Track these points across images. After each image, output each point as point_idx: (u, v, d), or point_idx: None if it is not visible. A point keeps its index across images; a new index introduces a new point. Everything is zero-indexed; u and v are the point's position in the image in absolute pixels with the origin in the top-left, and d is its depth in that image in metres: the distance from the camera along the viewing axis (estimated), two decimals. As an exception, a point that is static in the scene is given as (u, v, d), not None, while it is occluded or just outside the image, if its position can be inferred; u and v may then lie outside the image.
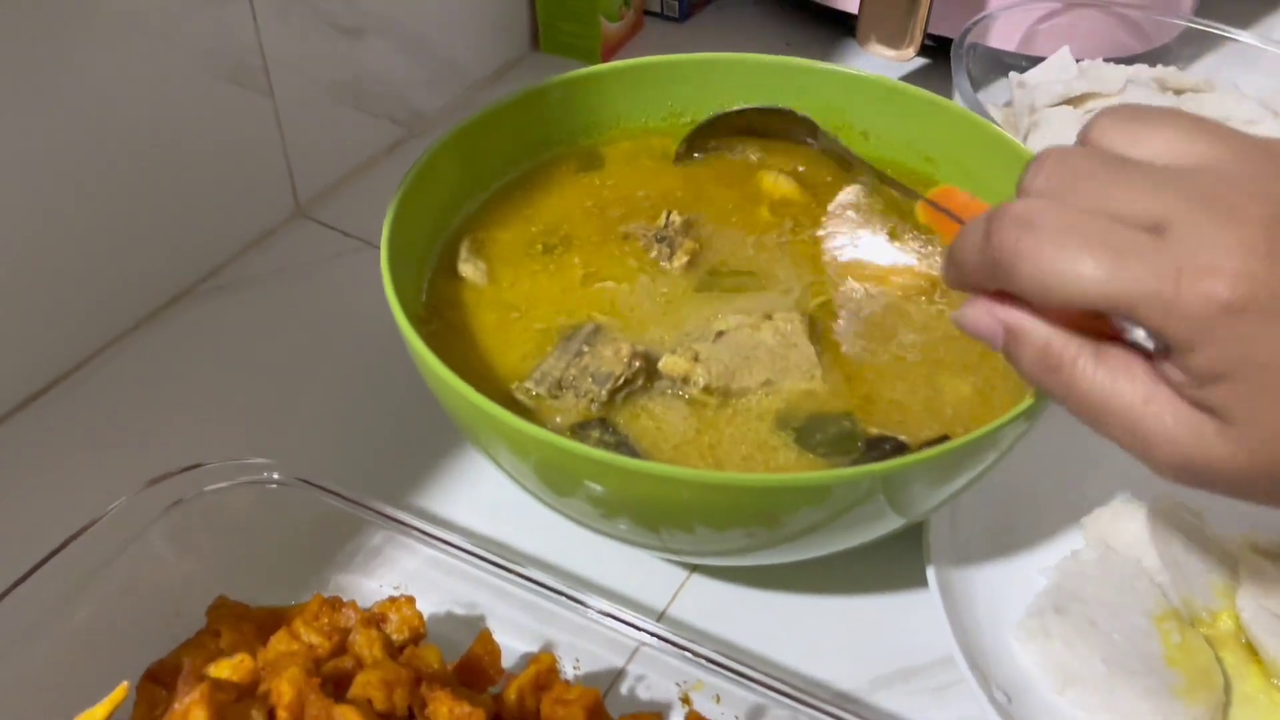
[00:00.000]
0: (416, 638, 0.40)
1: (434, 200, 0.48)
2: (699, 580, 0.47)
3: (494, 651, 0.40)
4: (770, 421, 0.43)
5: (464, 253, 0.48)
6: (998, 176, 0.49)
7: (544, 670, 0.38)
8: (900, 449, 0.42)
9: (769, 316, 0.45)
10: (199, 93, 0.57)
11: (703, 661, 0.39)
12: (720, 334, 0.44)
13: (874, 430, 0.42)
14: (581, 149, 0.55)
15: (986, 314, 0.32)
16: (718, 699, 0.39)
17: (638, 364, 0.42)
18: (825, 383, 0.44)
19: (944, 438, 0.41)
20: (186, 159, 0.57)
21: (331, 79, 0.65)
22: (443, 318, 0.47)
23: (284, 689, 0.34)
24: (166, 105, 0.55)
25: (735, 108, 0.55)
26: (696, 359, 0.43)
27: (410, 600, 0.40)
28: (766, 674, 0.38)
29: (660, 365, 0.43)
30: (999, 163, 0.50)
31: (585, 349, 0.44)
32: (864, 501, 0.38)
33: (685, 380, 0.43)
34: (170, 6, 0.53)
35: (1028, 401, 0.38)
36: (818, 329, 0.46)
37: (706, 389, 0.43)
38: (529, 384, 0.43)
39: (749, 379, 0.43)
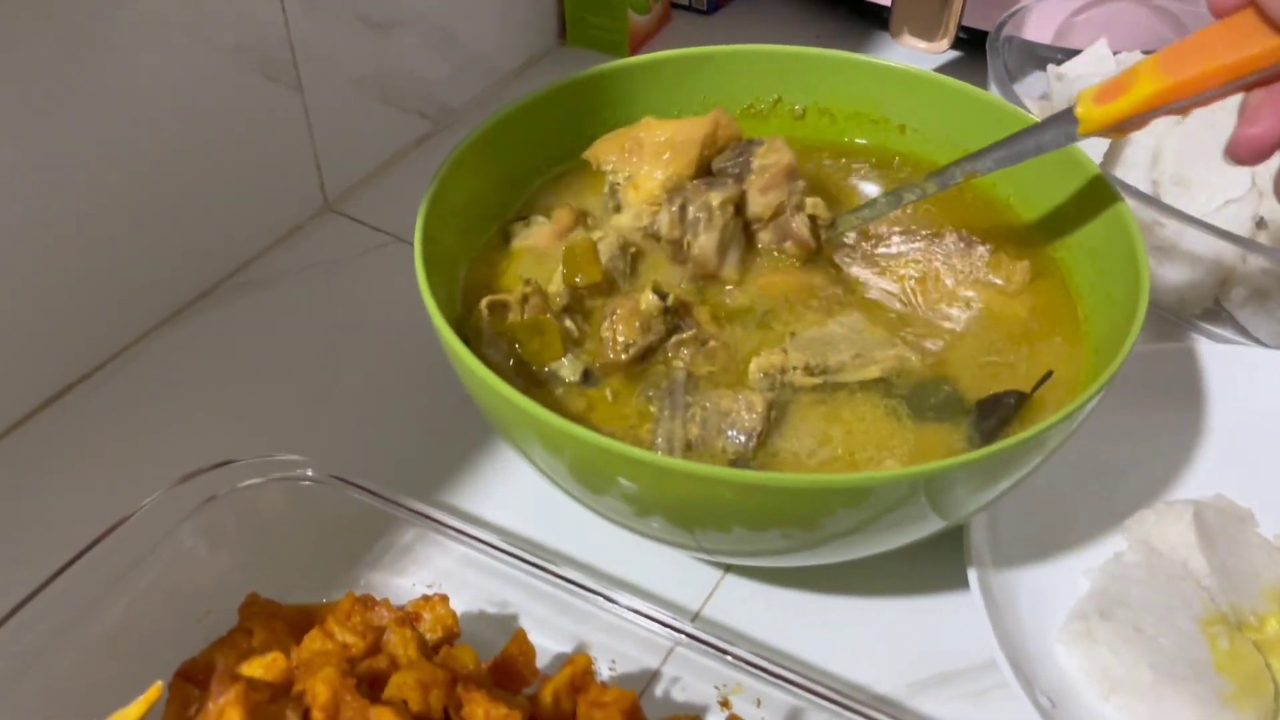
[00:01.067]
0: (450, 637, 0.40)
1: (466, 195, 0.48)
2: (734, 580, 0.46)
3: (529, 652, 0.39)
4: (878, 397, 0.43)
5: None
6: (1037, 170, 0.48)
7: (579, 672, 0.38)
8: (1021, 398, 0.42)
9: (830, 313, 0.44)
10: (227, 88, 0.56)
11: (739, 663, 0.38)
12: (793, 335, 0.44)
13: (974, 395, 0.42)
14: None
15: None
16: (758, 703, 0.38)
17: (773, 413, 0.42)
18: (911, 350, 0.44)
19: (1050, 374, 0.43)
20: (215, 154, 0.57)
21: (360, 73, 0.65)
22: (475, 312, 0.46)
23: (319, 689, 0.34)
24: (195, 101, 0.55)
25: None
26: (785, 352, 0.43)
27: (444, 599, 0.40)
28: (804, 676, 0.38)
29: (750, 368, 0.43)
30: (1046, 162, 0.49)
31: (689, 400, 0.43)
32: (905, 503, 0.37)
33: (783, 370, 0.42)
34: (201, 4, 0.53)
35: (1072, 405, 0.37)
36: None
37: (808, 369, 0.42)
38: (660, 447, 0.41)
39: (841, 355, 0.43)
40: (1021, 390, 0.42)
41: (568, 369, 0.43)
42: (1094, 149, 0.60)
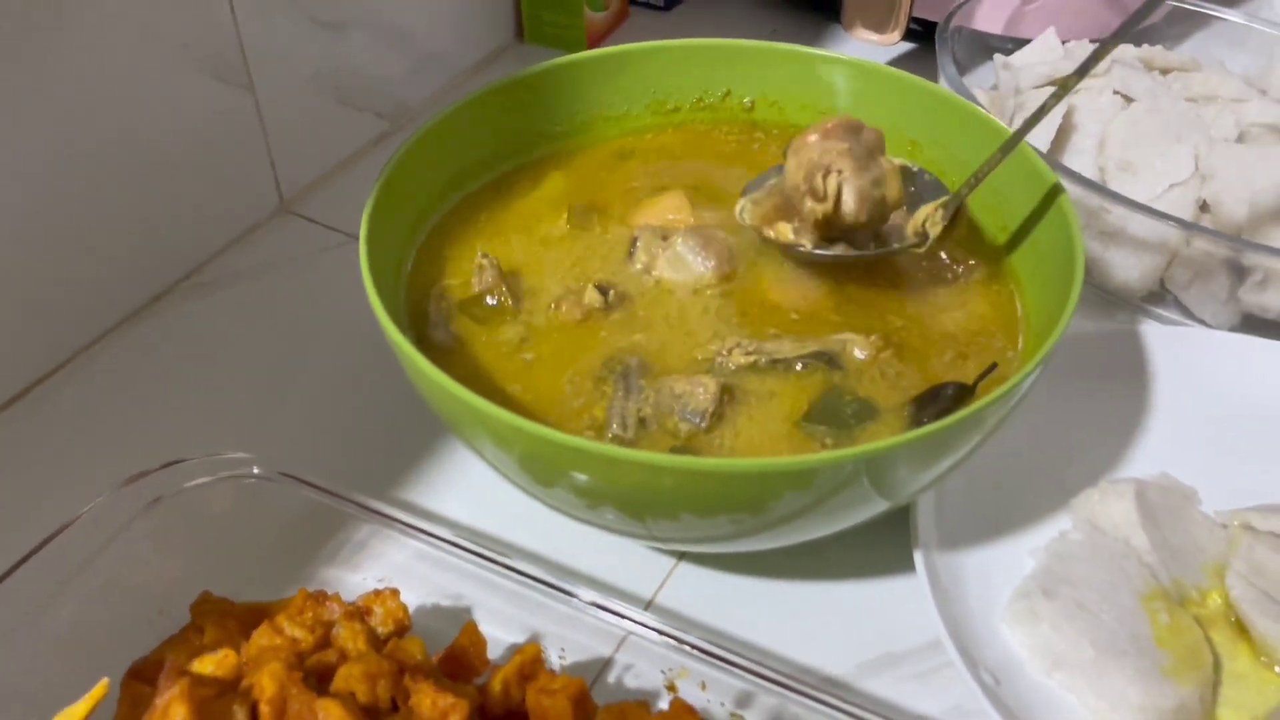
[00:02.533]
0: (401, 630, 0.40)
1: (415, 193, 0.48)
2: (686, 568, 0.47)
3: (479, 643, 0.40)
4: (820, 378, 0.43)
5: (433, 316, 0.47)
6: (979, 157, 0.49)
7: (529, 660, 0.38)
8: (961, 389, 0.42)
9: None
10: (179, 89, 0.56)
11: (689, 649, 0.39)
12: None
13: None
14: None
15: None
16: (704, 686, 0.38)
17: (725, 395, 0.42)
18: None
19: (994, 365, 0.44)
20: (168, 155, 0.57)
21: (313, 73, 0.65)
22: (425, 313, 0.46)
23: (266, 683, 0.34)
24: (146, 102, 0.55)
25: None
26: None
27: (395, 593, 0.40)
28: (753, 661, 0.38)
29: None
30: (980, 143, 0.49)
31: (643, 383, 0.43)
32: (849, 485, 0.38)
33: (723, 351, 0.44)
34: (148, 2, 0.53)
35: (1006, 385, 0.37)
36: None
37: (743, 349, 0.44)
38: (614, 428, 0.42)
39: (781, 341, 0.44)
40: (963, 382, 0.42)
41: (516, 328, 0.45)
42: (1040, 138, 0.61)
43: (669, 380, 0.43)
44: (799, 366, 0.43)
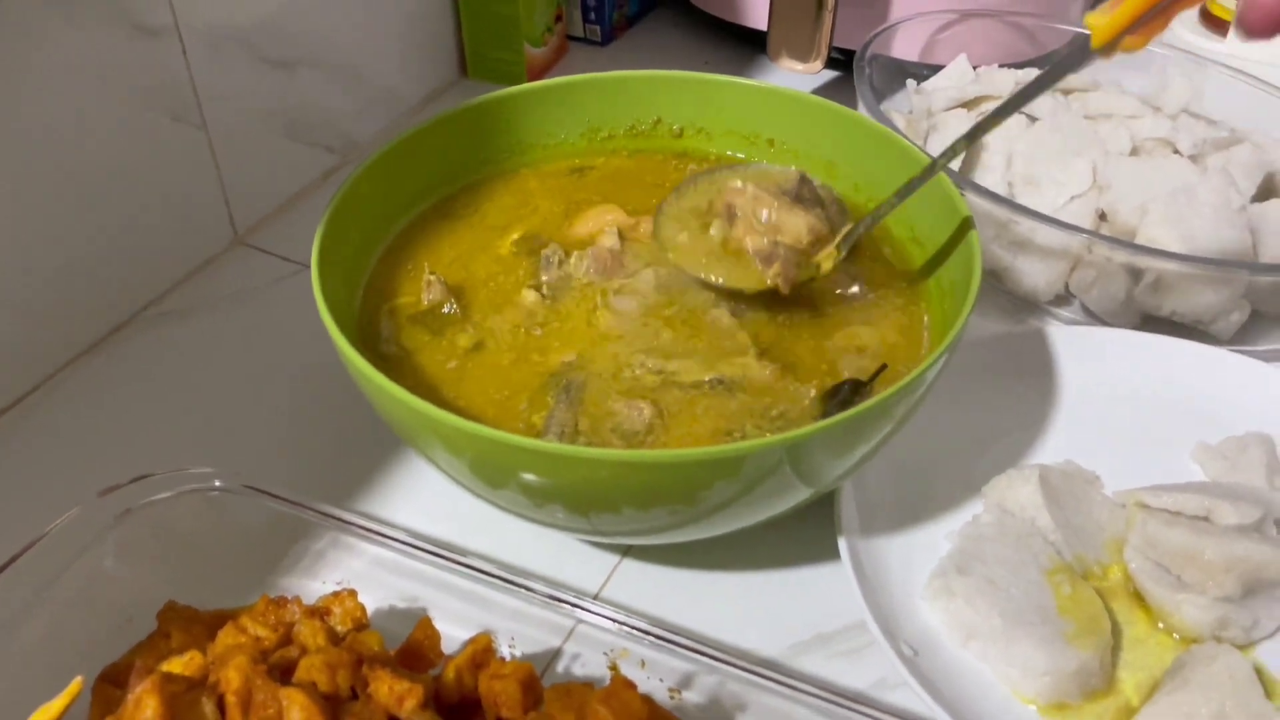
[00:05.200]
0: (359, 628, 0.42)
1: (363, 219, 0.51)
2: (630, 564, 0.50)
3: (433, 636, 0.42)
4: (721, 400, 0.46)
5: (384, 332, 0.50)
6: (892, 175, 0.53)
7: (480, 649, 0.41)
8: (858, 385, 0.46)
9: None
10: (134, 128, 0.59)
11: (632, 631, 0.42)
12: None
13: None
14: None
15: None
16: (643, 664, 0.41)
17: (656, 418, 0.45)
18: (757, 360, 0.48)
19: (884, 366, 0.47)
20: (124, 192, 0.59)
21: (264, 111, 0.67)
22: (377, 330, 0.49)
23: (231, 676, 0.37)
24: (102, 141, 0.57)
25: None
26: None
27: (352, 593, 0.43)
28: (694, 642, 0.41)
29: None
30: (891, 161, 0.53)
31: (583, 397, 0.46)
32: (773, 473, 0.41)
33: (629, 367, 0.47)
34: (102, 46, 0.56)
35: (911, 374, 0.41)
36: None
37: (645, 367, 0.47)
38: (550, 437, 0.45)
39: (686, 360, 0.47)
40: (858, 379, 0.46)
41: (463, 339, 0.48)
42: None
43: (609, 401, 0.46)
44: (707, 387, 0.46)
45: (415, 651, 0.42)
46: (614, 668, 0.42)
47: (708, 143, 0.60)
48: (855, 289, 0.52)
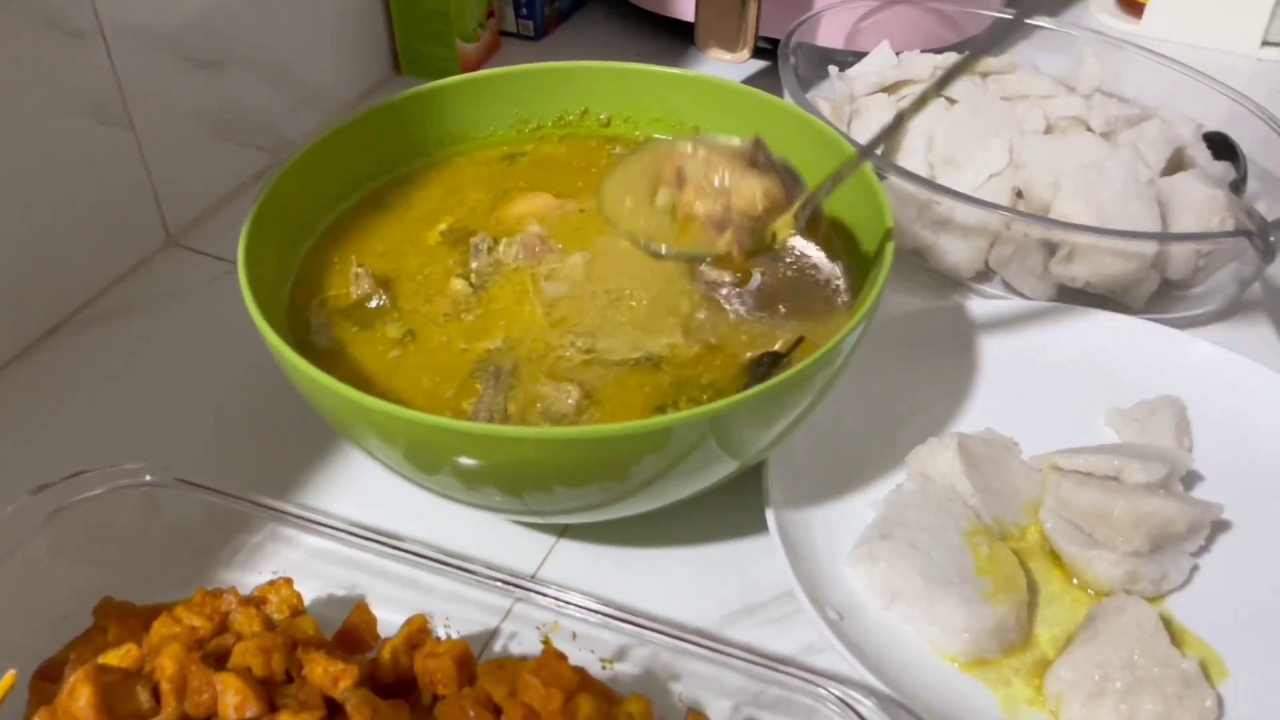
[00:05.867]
0: (296, 615, 0.43)
1: (291, 214, 0.52)
2: (566, 544, 0.51)
3: (369, 620, 0.43)
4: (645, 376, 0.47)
5: (314, 324, 0.50)
6: (813, 159, 0.55)
7: (415, 630, 0.41)
8: (776, 357, 0.47)
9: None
10: (61, 131, 0.59)
11: (566, 607, 0.43)
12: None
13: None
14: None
15: None
16: (574, 636, 0.42)
17: (584, 399, 0.46)
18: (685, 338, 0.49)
19: (801, 339, 0.48)
20: (54, 195, 0.59)
21: (194, 111, 0.67)
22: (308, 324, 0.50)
23: (166, 663, 0.37)
24: (29, 145, 0.57)
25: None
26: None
27: (288, 581, 0.43)
28: (625, 614, 0.42)
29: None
30: (811, 146, 0.55)
31: (513, 382, 0.47)
32: (699, 445, 0.42)
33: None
34: (25, 49, 0.55)
35: (828, 344, 0.42)
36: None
37: (575, 346, 0.48)
38: (479, 420, 0.45)
39: (613, 339, 0.48)
40: (776, 351, 0.47)
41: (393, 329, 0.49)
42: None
43: (537, 384, 0.47)
44: (635, 365, 0.47)
45: (352, 635, 0.43)
46: (546, 641, 0.43)
47: (634, 130, 0.61)
48: (779, 266, 0.53)
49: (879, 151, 0.67)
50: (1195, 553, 0.48)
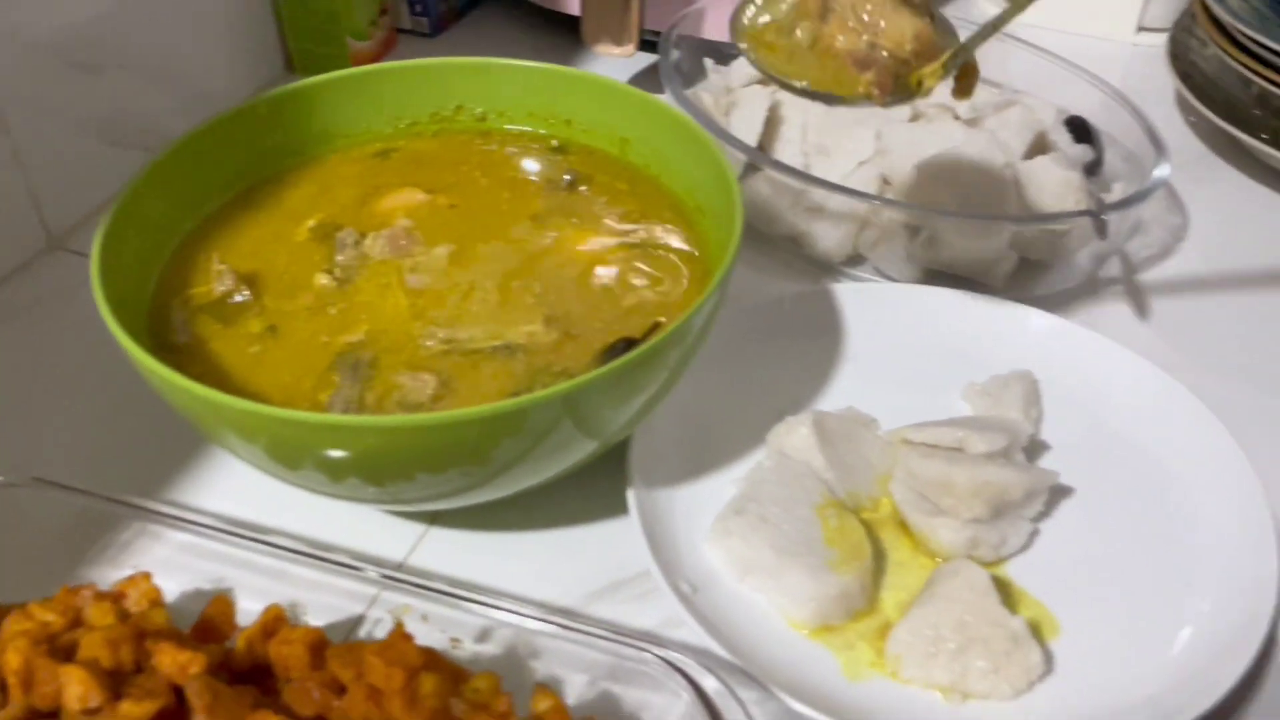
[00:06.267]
0: (156, 608, 0.44)
1: (154, 215, 0.52)
2: (436, 531, 0.52)
3: (227, 611, 0.44)
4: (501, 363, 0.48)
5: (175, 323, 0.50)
6: (680, 152, 0.56)
7: (271, 619, 0.42)
8: (631, 343, 0.48)
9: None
10: (-72, 136, 0.59)
11: (422, 591, 0.44)
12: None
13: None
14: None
15: None
16: (424, 618, 0.44)
17: (441, 387, 0.47)
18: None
19: (656, 323, 0.50)
20: (-78, 201, 0.59)
21: (74, 114, 0.67)
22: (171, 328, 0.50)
23: (10, 657, 0.38)
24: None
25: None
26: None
27: (146, 575, 0.44)
28: (473, 595, 0.43)
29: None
30: (677, 140, 0.56)
31: (371, 373, 0.48)
32: (555, 426, 0.43)
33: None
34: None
35: (676, 322, 0.44)
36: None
37: (434, 337, 0.49)
38: (335, 411, 0.46)
39: (472, 330, 0.49)
40: (631, 336, 0.49)
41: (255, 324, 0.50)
42: (751, 131, 0.69)
43: (396, 375, 0.48)
44: (493, 353, 0.48)
45: (209, 626, 0.43)
46: (400, 625, 0.44)
47: (508, 124, 0.62)
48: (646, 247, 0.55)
49: (753, 143, 0.69)
50: (1035, 518, 0.51)
